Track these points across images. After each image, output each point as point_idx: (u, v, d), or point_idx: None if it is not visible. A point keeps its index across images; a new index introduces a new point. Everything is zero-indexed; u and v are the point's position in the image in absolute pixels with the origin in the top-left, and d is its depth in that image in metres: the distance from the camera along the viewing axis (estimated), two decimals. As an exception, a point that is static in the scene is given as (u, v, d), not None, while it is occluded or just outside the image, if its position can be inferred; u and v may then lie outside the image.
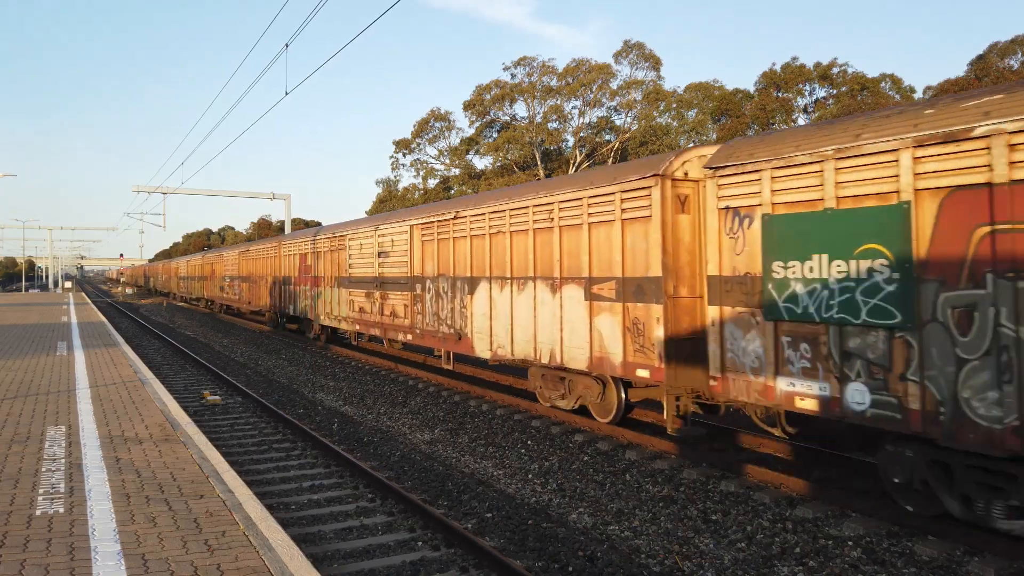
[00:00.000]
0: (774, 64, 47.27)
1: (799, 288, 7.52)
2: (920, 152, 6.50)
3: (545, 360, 11.47)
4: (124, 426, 9.00)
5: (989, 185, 6.01)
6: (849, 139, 7.08)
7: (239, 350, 24.34)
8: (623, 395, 10.69)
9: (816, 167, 7.37)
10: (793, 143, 7.66)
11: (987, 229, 6.03)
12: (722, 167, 8.41)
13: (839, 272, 7.13)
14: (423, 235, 15.71)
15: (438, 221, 15.02)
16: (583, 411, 11.65)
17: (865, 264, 6.92)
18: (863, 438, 7.96)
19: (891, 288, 6.72)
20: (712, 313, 8.58)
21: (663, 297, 9.29)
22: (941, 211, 6.37)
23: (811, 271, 7.41)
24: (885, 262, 6.74)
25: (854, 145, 7.00)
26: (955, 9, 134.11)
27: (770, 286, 7.82)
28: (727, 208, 8.36)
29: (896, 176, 6.68)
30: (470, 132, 52.82)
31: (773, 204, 7.82)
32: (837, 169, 7.17)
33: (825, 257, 7.28)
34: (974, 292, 6.11)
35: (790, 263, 7.62)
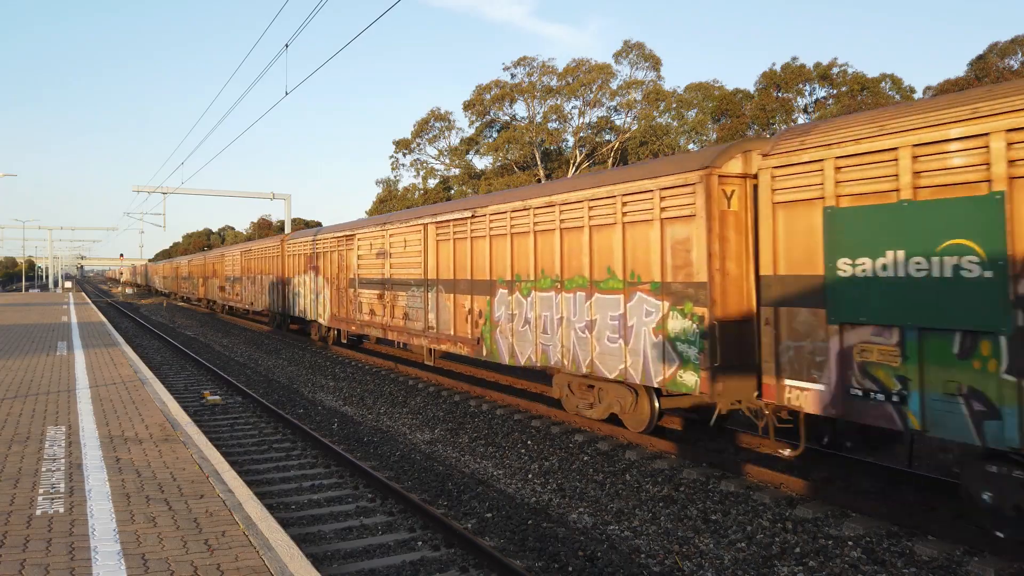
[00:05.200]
0: (774, 64, 47.31)
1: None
2: None
3: None
4: (124, 426, 9.00)
5: None
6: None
7: (239, 350, 24.33)
8: None
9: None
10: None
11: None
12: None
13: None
14: None
15: None
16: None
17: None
18: None
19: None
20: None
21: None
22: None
23: None
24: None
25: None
26: (955, 9, 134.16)
27: None
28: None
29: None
30: (470, 132, 52.85)
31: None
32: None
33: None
34: None
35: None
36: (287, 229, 47.24)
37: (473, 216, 13.67)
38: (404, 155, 54.77)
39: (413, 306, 16.09)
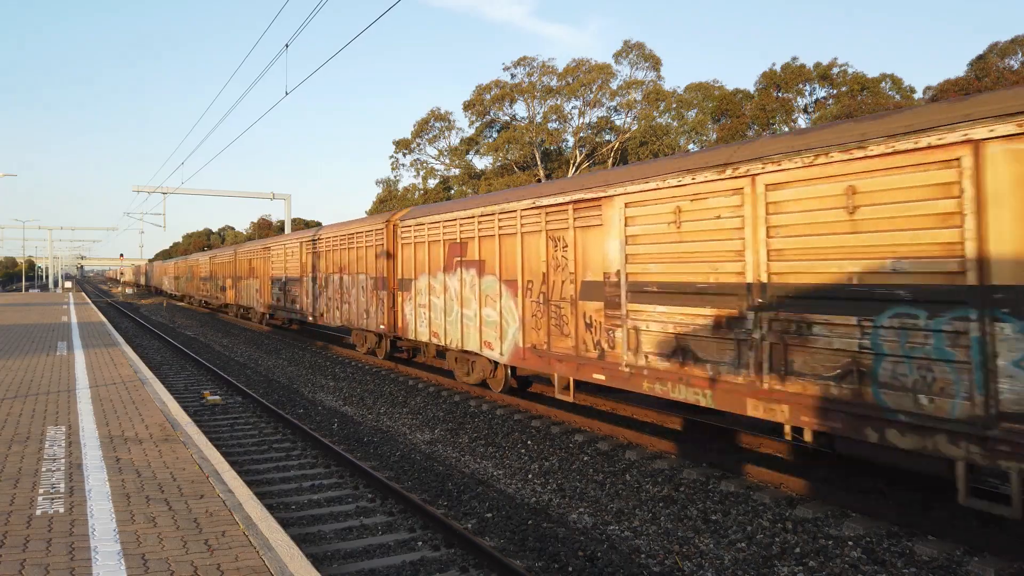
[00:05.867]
0: (774, 64, 47.36)
1: None
2: None
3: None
4: (124, 426, 9.00)
5: None
6: None
7: (239, 350, 24.33)
8: None
9: None
10: None
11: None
12: None
13: None
14: None
15: None
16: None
17: None
18: None
19: None
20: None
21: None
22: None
23: None
24: None
25: None
26: (955, 9, 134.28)
27: None
28: None
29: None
30: (470, 132, 52.91)
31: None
32: None
33: None
34: None
35: None
36: (287, 229, 47.23)
37: None
38: (404, 155, 54.84)
39: (897, 352, 6.47)
